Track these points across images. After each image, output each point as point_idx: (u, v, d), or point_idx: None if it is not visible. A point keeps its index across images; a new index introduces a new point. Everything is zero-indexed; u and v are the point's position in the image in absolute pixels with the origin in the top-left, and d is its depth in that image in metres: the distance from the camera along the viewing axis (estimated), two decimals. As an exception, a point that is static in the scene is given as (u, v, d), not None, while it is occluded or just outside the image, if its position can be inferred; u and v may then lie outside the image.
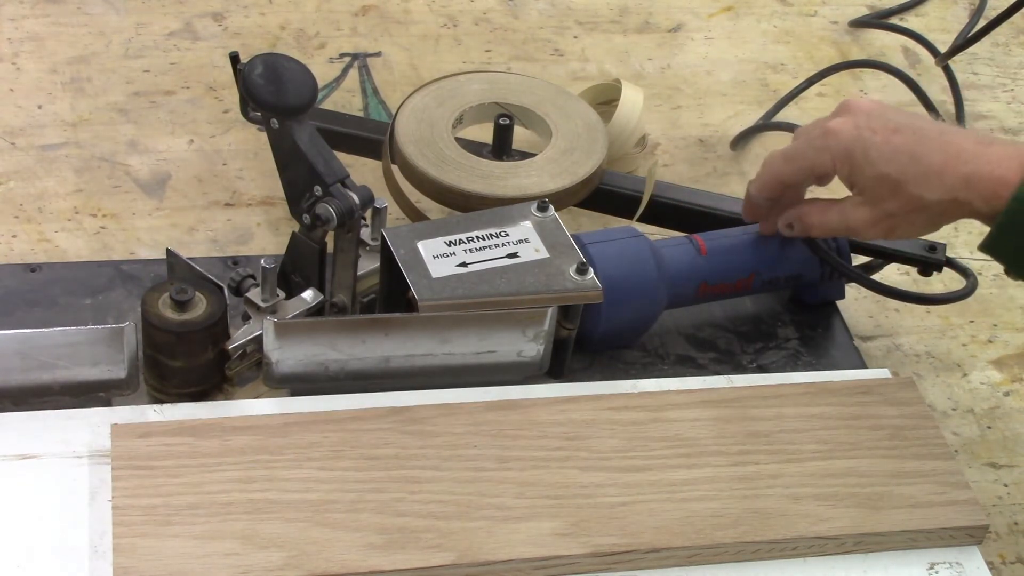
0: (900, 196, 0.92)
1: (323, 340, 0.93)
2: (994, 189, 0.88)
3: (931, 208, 0.91)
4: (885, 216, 0.94)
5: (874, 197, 0.94)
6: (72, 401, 0.92)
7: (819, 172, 0.97)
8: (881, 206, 0.93)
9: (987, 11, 1.42)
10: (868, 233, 0.96)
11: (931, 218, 0.93)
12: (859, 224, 0.95)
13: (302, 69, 0.95)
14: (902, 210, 0.93)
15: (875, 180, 0.93)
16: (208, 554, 0.83)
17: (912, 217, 0.93)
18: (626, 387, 0.98)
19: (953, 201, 0.90)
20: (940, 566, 0.91)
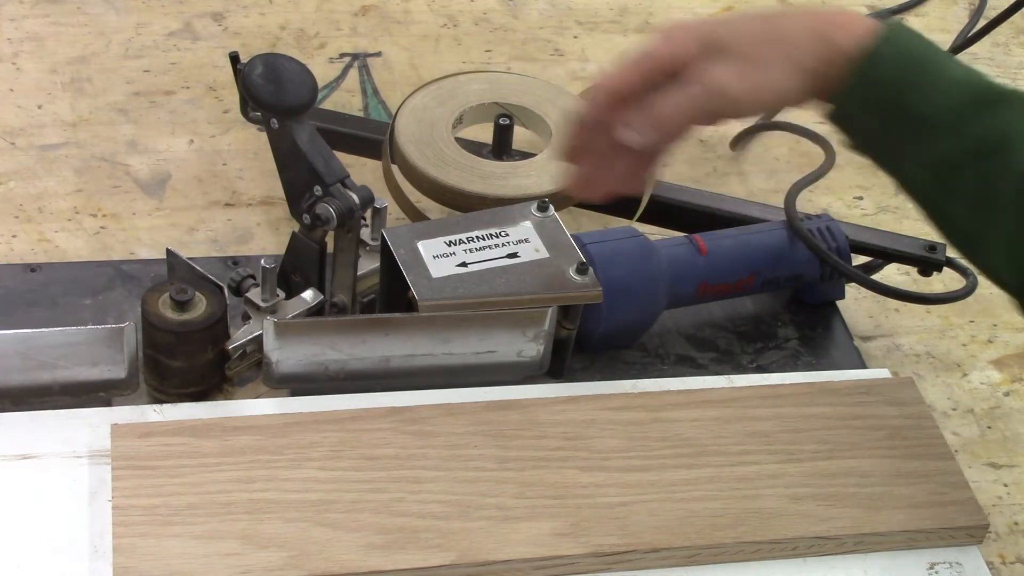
0: (759, 39, 0.85)
1: (323, 340, 0.93)
2: (854, 27, 0.84)
3: (792, 40, 0.84)
4: (751, 64, 0.84)
5: (739, 54, 0.85)
6: (72, 401, 0.92)
7: (663, 61, 0.85)
8: (747, 55, 0.84)
9: (987, 11, 1.42)
10: (737, 88, 0.84)
11: (793, 57, 0.84)
12: (726, 79, 0.84)
13: (302, 69, 0.95)
14: (763, 52, 0.85)
15: (738, 33, 0.85)
16: (208, 554, 0.83)
17: (773, 54, 0.84)
18: (626, 387, 0.98)
19: (819, 38, 0.84)
20: (940, 566, 0.91)
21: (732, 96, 0.84)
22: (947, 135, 0.82)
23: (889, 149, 0.86)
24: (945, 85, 0.83)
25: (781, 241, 1.05)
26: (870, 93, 0.84)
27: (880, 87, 0.83)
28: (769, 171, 1.24)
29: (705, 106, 0.85)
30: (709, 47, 0.85)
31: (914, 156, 0.84)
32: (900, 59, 0.83)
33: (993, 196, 0.81)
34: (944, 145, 0.83)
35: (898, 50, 0.83)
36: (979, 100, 0.82)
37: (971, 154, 0.82)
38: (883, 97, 0.83)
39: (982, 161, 0.82)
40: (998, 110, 0.82)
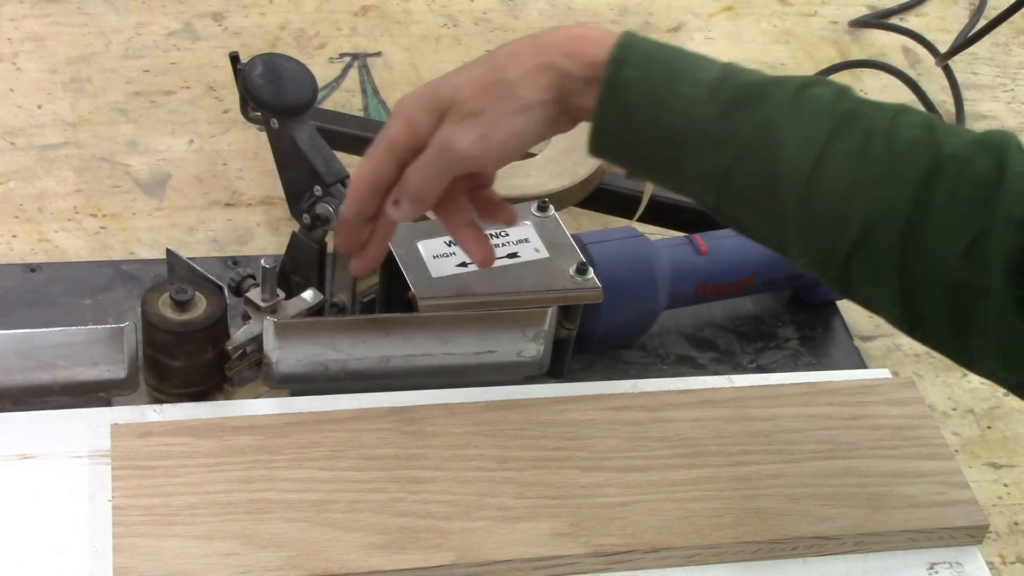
0: (479, 87, 0.81)
1: (323, 340, 0.93)
2: (582, 50, 0.80)
3: (512, 79, 0.80)
4: (473, 115, 0.81)
5: (461, 107, 0.81)
6: (72, 401, 0.92)
7: (401, 141, 0.83)
8: (468, 107, 0.81)
9: (987, 11, 1.42)
10: (463, 143, 0.81)
11: (517, 97, 0.80)
12: (451, 137, 0.81)
13: (302, 69, 0.95)
14: (484, 100, 0.81)
15: (458, 88, 0.81)
16: (208, 554, 0.83)
17: (494, 99, 0.80)
18: (626, 387, 0.98)
19: (541, 69, 0.80)
20: (940, 566, 0.91)
21: (459, 151, 0.81)
22: (710, 145, 0.78)
23: (661, 168, 0.81)
24: (696, 94, 0.78)
25: (781, 241, 1.05)
26: (621, 117, 0.79)
27: (630, 110, 0.78)
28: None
29: (440, 167, 0.82)
30: (438, 108, 0.82)
31: (687, 172, 0.79)
32: (643, 78, 0.78)
33: (774, 198, 0.77)
34: (711, 156, 0.78)
35: (640, 67, 0.78)
36: (736, 99, 0.77)
37: (739, 158, 0.77)
38: (636, 119, 0.79)
39: (753, 163, 0.77)
40: (757, 105, 0.77)
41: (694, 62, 0.79)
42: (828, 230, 0.76)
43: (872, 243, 0.75)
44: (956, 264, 0.73)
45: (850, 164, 0.75)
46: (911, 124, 0.76)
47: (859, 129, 0.76)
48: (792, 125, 0.76)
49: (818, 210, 0.76)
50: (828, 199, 0.76)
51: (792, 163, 0.76)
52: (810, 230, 0.77)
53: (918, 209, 0.74)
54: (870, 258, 0.75)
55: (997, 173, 0.73)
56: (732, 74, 0.79)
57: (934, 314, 0.76)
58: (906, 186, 0.74)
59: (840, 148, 0.76)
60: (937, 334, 0.77)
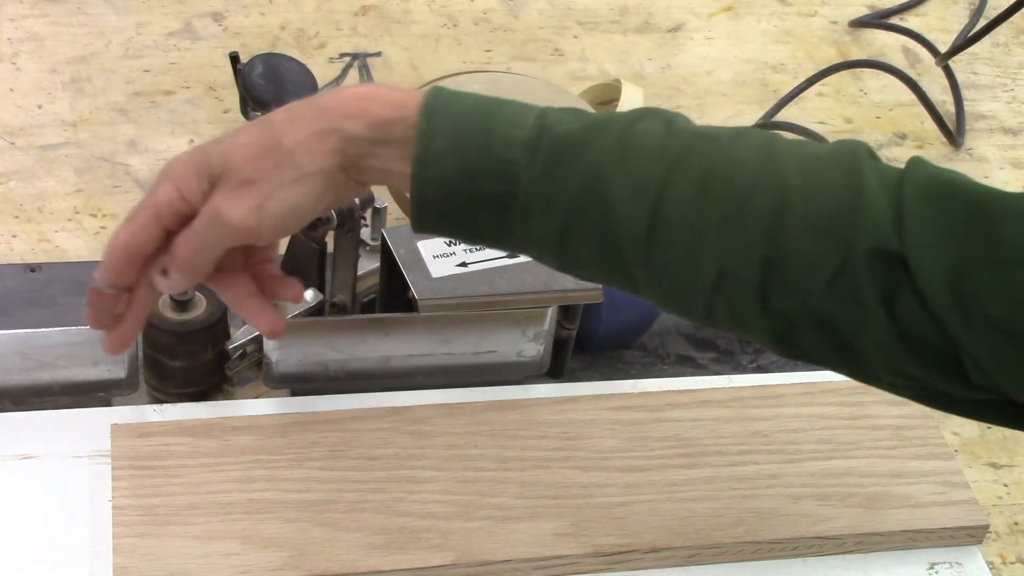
0: (254, 153, 0.74)
1: (323, 340, 0.93)
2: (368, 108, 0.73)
3: (296, 153, 0.73)
4: (247, 184, 0.74)
5: (234, 174, 0.74)
6: (72, 401, 0.92)
7: (167, 206, 0.75)
8: (241, 175, 0.74)
9: (987, 11, 1.42)
10: (236, 214, 0.74)
11: (296, 164, 0.73)
12: (222, 206, 0.74)
13: (302, 69, 0.95)
14: (259, 167, 0.74)
15: (230, 153, 0.74)
16: (208, 554, 0.83)
17: (271, 165, 0.73)
18: (626, 387, 0.98)
19: (321, 134, 0.73)
20: (940, 566, 0.91)
21: (232, 222, 0.74)
22: (538, 208, 0.72)
23: (496, 237, 0.75)
24: (513, 155, 0.71)
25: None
26: (439, 193, 0.73)
27: (447, 183, 0.72)
28: (769, 171, 1.24)
29: (211, 238, 0.75)
30: (208, 173, 0.75)
31: (520, 238, 0.74)
32: (454, 147, 0.72)
33: (615, 255, 0.72)
34: (540, 219, 0.72)
35: (449, 136, 0.72)
36: (555, 155, 0.71)
37: (571, 218, 0.71)
38: (455, 192, 0.72)
39: (586, 221, 0.71)
40: (579, 159, 0.71)
41: (508, 117, 0.72)
42: (679, 280, 0.71)
43: (729, 287, 0.70)
44: (822, 300, 0.68)
45: (690, 209, 0.70)
46: (750, 155, 0.70)
47: (694, 169, 0.70)
48: (621, 174, 0.70)
49: (664, 262, 0.71)
50: (672, 249, 0.70)
51: (627, 216, 0.70)
52: (660, 282, 0.72)
53: (771, 247, 0.68)
54: (730, 302, 0.70)
55: (850, 198, 0.68)
56: (548, 127, 0.72)
57: (813, 348, 0.71)
58: (754, 225, 0.69)
59: (676, 193, 0.70)
60: (823, 362, 0.73)
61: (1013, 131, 1.33)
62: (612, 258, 0.72)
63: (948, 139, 1.29)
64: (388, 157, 0.73)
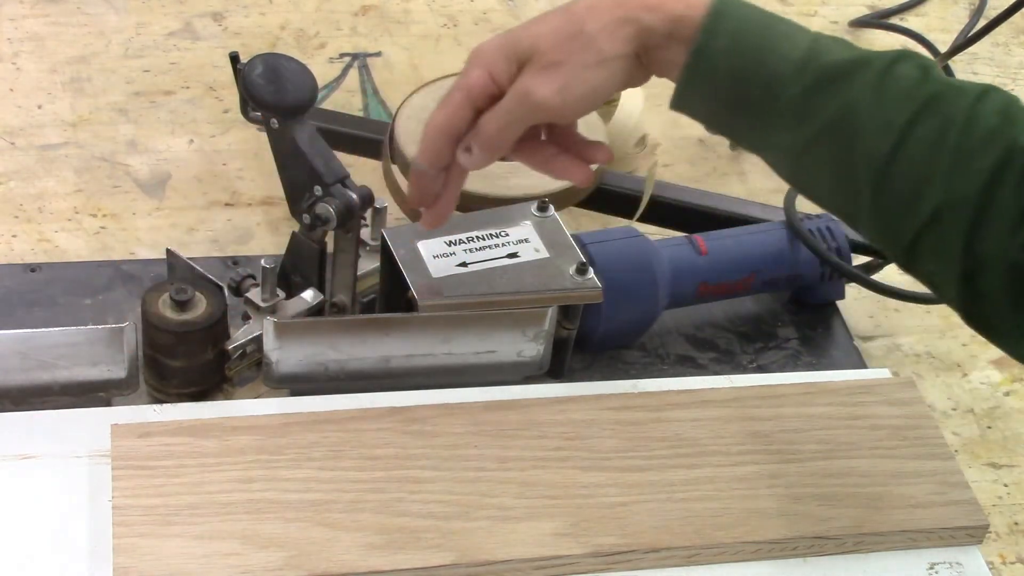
0: (559, 37, 0.82)
1: (323, 340, 0.93)
2: (666, 2, 0.81)
3: (592, 31, 0.81)
4: (553, 66, 0.82)
5: (541, 57, 0.82)
6: (72, 401, 0.92)
7: (480, 88, 0.84)
8: (548, 58, 0.82)
9: (987, 11, 1.42)
10: (543, 92, 0.82)
11: (596, 48, 0.81)
12: (530, 86, 0.82)
13: (302, 69, 0.95)
14: (564, 50, 0.82)
15: (538, 38, 0.82)
16: (208, 554, 0.83)
17: (575, 49, 0.82)
18: (626, 387, 0.98)
19: (621, 22, 0.81)
20: (940, 566, 0.91)
21: (539, 101, 0.82)
22: (794, 120, 0.80)
23: (741, 133, 0.84)
24: (782, 70, 0.80)
25: (781, 241, 1.05)
26: (707, 85, 0.81)
27: (716, 79, 0.81)
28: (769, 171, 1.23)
29: (519, 116, 0.83)
30: (517, 58, 0.83)
31: (766, 140, 0.83)
32: (732, 49, 0.80)
33: (850, 175, 0.80)
34: (791, 130, 0.81)
35: (730, 38, 0.80)
36: (821, 80, 0.79)
37: (819, 137, 0.80)
38: (721, 89, 0.81)
39: (832, 142, 0.80)
40: (840, 87, 0.79)
41: (784, 34, 0.81)
42: (900, 210, 0.79)
43: (940, 226, 0.77)
44: (1017, 250, 0.76)
45: (927, 151, 0.77)
46: (990, 113, 0.77)
47: (939, 116, 0.78)
48: (873, 109, 0.78)
49: (892, 192, 0.78)
50: (903, 182, 0.78)
51: (871, 146, 0.78)
52: (882, 209, 0.79)
53: (986, 198, 0.76)
54: (937, 239, 0.78)
55: None
56: (819, 52, 0.80)
57: (993, 293, 0.78)
58: (977, 176, 0.76)
59: (919, 134, 0.78)
60: (995, 311, 0.79)
61: None
62: (845, 178, 0.80)
63: (948, 139, 1.29)
64: (674, 51, 0.81)
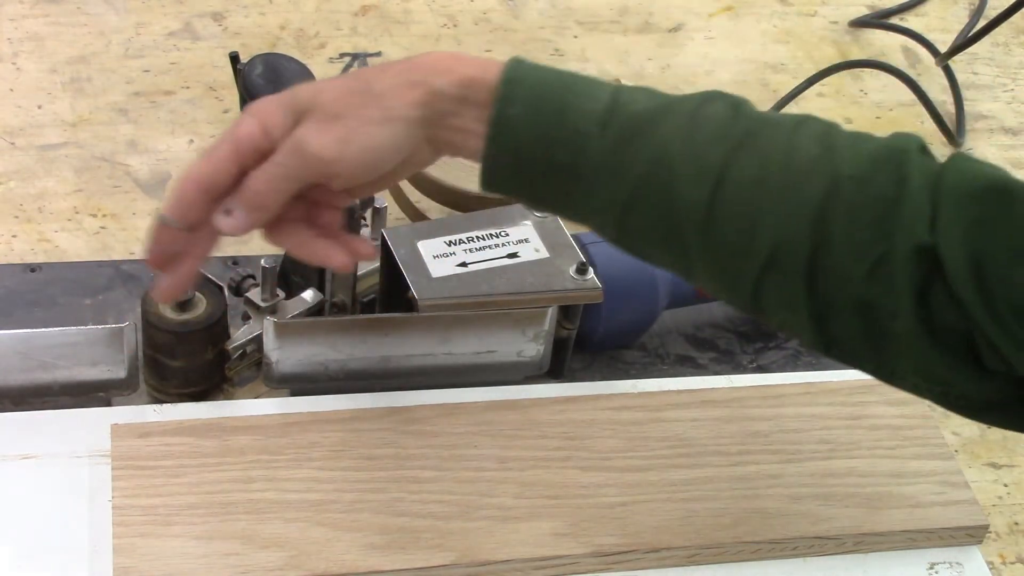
0: (344, 92, 0.76)
1: (323, 340, 0.93)
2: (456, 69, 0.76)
3: (385, 97, 0.76)
4: (333, 118, 0.76)
5: (321, 109, 0.76)
6: (72, 401, 0.92)
7: (248, 140, 0.76)
8: (328, 110, 0.76)
9: (987, 11, 1.42)
10: (318, 143, 0.75)
11: (384, 105, 0.76)
12: (306, 137, 0.75)
13: (302, 69, 0.95)
14: (348, 103, 0.76)
15: (320, 91, 0.77)
16: (208, 554, 0.83)
17: (359, 104, 0.76)
18: (626, 387, 0.98)
19: (411, 84, 0.76)
20: (940, 566, 0.91)
21: (314, 152, 0.75)
22: (605, 180, 0.75)
23: (558, 203, 0.78)
24: (586, 127, 0.75)
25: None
26: (511, 157, 0.76)
27: (520, 148, 0.75)
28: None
29: (291, 170, 0.76)
30: (295, 110, 0.77)
31: (583, 206, 0.77)
32: (531, 114, 0.75)
33: (674, 228, 0.75)
34: (606, 190, 0.75)
35: (526, 103, 0.75)
36: (627, 132, 0.75)
37: (635, 192, 0.75)
38: (526, 157, 0.76)
39: (649, 196, 0.75)
40: (648, 137, 0.74)
41: (583, 91, 0.76)
42: (733, 257, 0.74)
43: (780, 267, 0.73)
44: (862, 285, 0.71)
45: (749, 191, 0.73)
46: (808, 143, 0.73)
47: (755, 153, 0.73)
48: (686, 154, 0.74)
49: (720, 238, 0.74)
50: (729, 226, 0.73)
51: (689, 194, 0.74)
52: (715, 258, 0.75)
53: (820, 232, 0.72)
54: (779, 282, 0.73)
55: (895, 191, 0.71)
56: (622, 103, 0.75)
57: (847, 334, 0.74)
58: (805, 209, 0.72)
59: (737, 175, 0.73)
60: (853, 353, 0.75)
61: (1013, 131, 1.33)
62: (670, 234, 0.75)
63: (948, 139, 1.29)
64: (468, 117, 0.76)
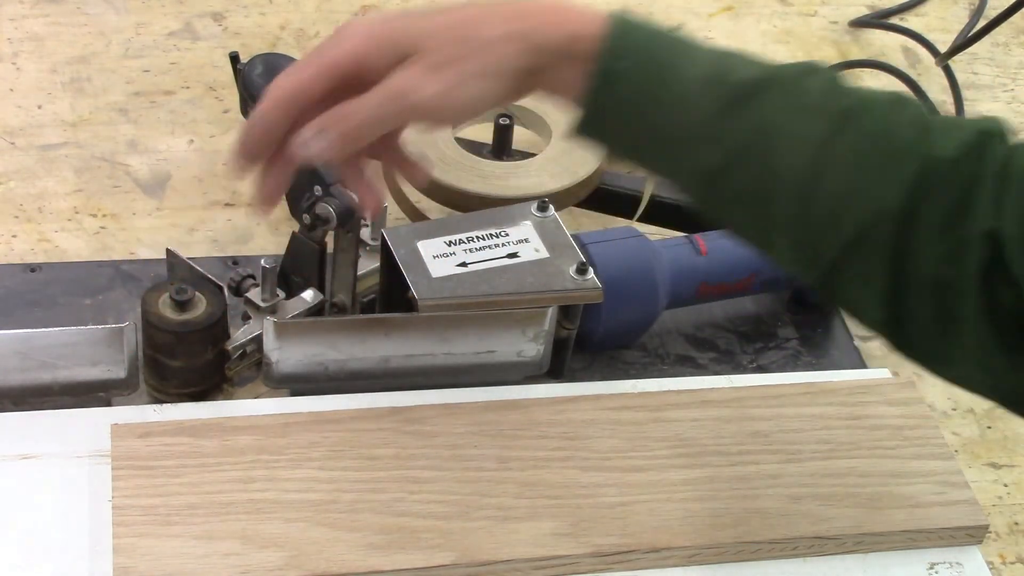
0: (451, 37, 0.77)
1: (323, 340, 0.93)
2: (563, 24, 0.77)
3: (492, 49, 0.76)
4: (439, 67, 0.76)
5: (427, 56, 0.76)
6: (72, 401, 0.92)
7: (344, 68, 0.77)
8: (434, 57, 0.76)
9: (987, 11, 1.42)
10: (424, 93, 0.76)
11: (488, 59, 0.76)
12: (411, 84, 0.76)
13: (302, 69, 0.94)
14: (454, 52, 0.76)
15: (427, 35, 0.77)
16: (208, 554, 0.83)
17: (471, 65, 0.76)
18: (626, 387, 0.98)
19: (519, 35, 0.76)
20: (940, 566, 0.91)
21: (420, 102, 0.76)
22: (703, 144, 0.76)
23: (650, 159, 0.79)
24: (689, 91, 0.75)
25: (781, 241, 1.05)
26: (611, 109, 0.77)
27: (620, 102, 0.76)
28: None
29: (390, 113, 0.76)
30: (396, 50, 0.76)
31: (675, 166, 0.78)
32: (636, 71, 0.76)
33: (766, 198, 0.75)
34: (703, 154, 0.76)
35: (633, 59, 0.76)
36: (730, 101, 0.75)
37: (733, 159, 0.76)
38: (625, 112, 0.77)
39: (747, 165, 0.75)
40: (751, 106, 0.75)
41: (688, 54, 0.77)
42: (820, 231, 0.75)
43: (864, 246, 0.74)
44: (940, 265, 0.73)
45: (846, 167, 0.74)
46: (904, 124, 0.75)
47: (856, 130, 0.74)
48: (787, 128, 0.75)
49: (812, 213, 0.75)
50: (823, 201, 0.74)
51: (788, 167, 0.75)
52: (801, 230, 0.76)
53: (908, 212, 0.73)
54: (861, 260, 0.74)
55: (976, 175, 0.73)
56: (726, 70, 0.76)
57: (918, 314, 0.75)
58: (898, 189, 0.73)
59: (837, 151, 0.74)
60: (920, 333, 0.76)
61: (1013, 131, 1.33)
62: (761, 201, 0.76)
63: (948, 139, 1.29)
64: (569, 70, 0.77)
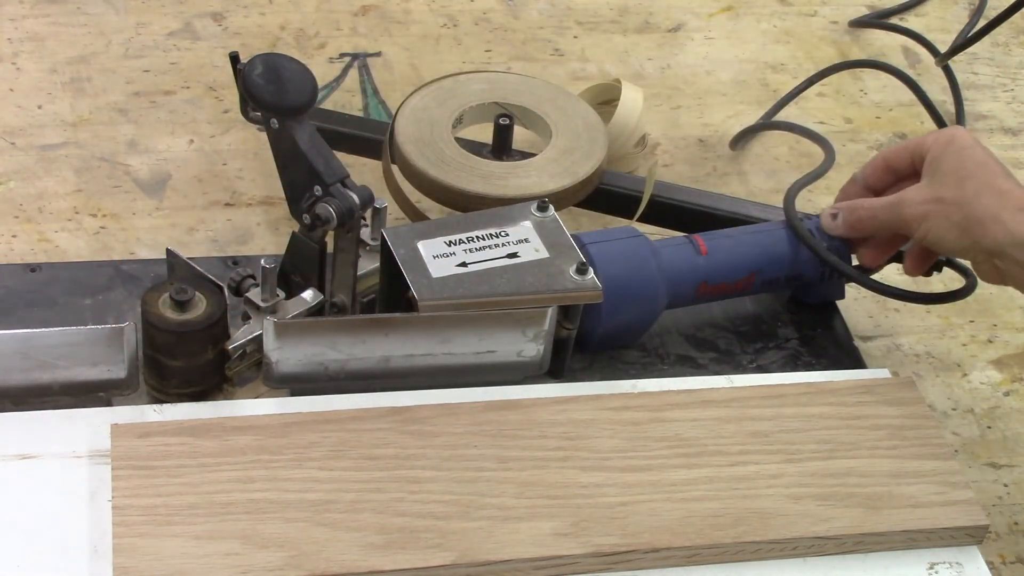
0: (955, 191, 0.94)
1: (323, 340, 0.93)
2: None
3: (973, 214, 0.93)
4: (935, 199, 0.95)
5: (934, 182, 0.96)
6: (72, 401, 0.92)
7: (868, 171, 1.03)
8: (937, 190, 0.95)
9: (987, 11, 1.42)
10: (913, 209, 0.96)
11: (965, 226, 0.93)
12: (909, 198, 0.97)
13: (302, 69, 0.95)
14: (950, 200, 0.94)
15: (944, 168, 0.95)
16: (208, 554, 0.83)
17: (952, 211, 0.94)
18: (626, 387, 0.98)
19: (992, 219, 0.92)
20: (940, 566, 0.91)
21: (909, 215, 0.97)
22: None
23: None
24: None
25: (781, 241, 1.05)
26: None
27: None
28: (769, 171, 1.24)
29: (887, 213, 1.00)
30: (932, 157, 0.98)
31: None
32: None
33: None
34: None
35: None
36: None
37: None
38: None
39: None
40: None
41: None
42: None
43: None
44: None
45: None
46: None
47: None
48: None
49: None
50: None
51: None
52: None
53: None
54: None
55: None
56: None
57: None
58: None
59: None
60: None
61: (1013, 131, 1.33)
62: None
63: (948, 139, 1.29)
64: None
